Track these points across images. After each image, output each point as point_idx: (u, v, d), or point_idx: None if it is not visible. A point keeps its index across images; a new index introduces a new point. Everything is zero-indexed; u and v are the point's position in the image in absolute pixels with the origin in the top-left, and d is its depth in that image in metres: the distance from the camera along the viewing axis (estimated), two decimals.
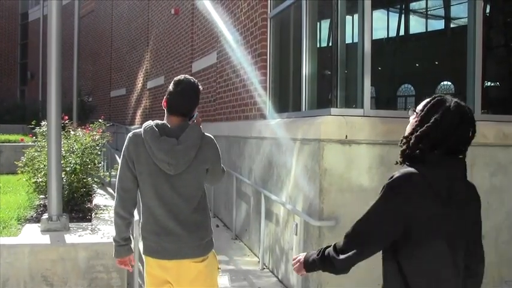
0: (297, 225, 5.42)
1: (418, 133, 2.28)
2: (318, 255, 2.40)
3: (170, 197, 3.08)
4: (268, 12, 7.74)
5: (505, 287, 5.65)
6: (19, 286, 4.46)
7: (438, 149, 2.25)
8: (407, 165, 2.29)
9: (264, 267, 6.69)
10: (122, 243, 3.19)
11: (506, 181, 5.68)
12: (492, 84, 8.52)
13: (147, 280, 3.27)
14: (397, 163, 2.38)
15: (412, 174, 2.20)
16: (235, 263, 6.87)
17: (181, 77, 3.21)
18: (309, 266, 2.45)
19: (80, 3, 16.61)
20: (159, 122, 3.13)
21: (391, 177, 2.23)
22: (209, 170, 3.21)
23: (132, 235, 5.54)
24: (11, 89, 32.65)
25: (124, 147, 3.14)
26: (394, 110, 9.34)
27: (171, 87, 3.16)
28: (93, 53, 25.20)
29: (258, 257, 6.90)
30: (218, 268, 3.35)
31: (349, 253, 2.25)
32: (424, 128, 2.26)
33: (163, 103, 3.17)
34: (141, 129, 3.10)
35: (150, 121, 3.15)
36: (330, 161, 5.11)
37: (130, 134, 3.16)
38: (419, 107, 2.38)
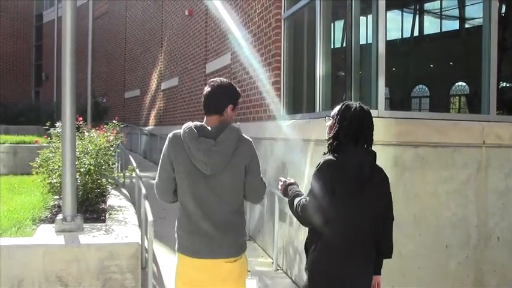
0: None
1: (334, 132, 3.24)
2: (290, 197, 3.39)
3: (206, 197, 3.16)
4: (282, 13, 7.74)
5: None
6: (34, 286, 4.48)
7: (349, 142, 3.20)
8: (331, 155, 3.20)
9: (278, 268, 6.68)
10: None
11: None
12: (507, 85, 8.45)
13: (177, 280, 3.32)
14: (324, 153, 3.29)
15: (331, 160, 3.16)
16: (249, 264, 6.84)
17: (211, 79, 3.36)
18: (284, 194, 3.47)
19: (94, 5, 16.69)
20: (198, 123, 3.24)
21: (319, 163, 3.19)
22: (248, 172, 3.24)
23: (146, 236, 5.57)
24: (26, 90, 32.94)
25: (164, 147, 3.25)
26: (409, 111, 9.29)
27: (204, 90, 3.33)
28: (107, 55, 25.33)
29: (272, 258, 6.90)
30: (248, 271, 3.41)
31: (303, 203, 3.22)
32: (337, 127, 3.23)
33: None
34: (181, 130, 3.20)
35: (190, 122, 3.25)
36: None
37: (170, 135, 3.26)
38: (334, 112, 3.34)
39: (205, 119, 3.28)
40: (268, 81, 7.94)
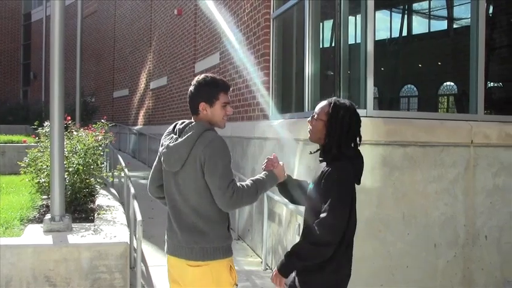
0: (299, 225, 5.41)
1: (335, 134, 2.98)
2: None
3: (173, 195, 3.13)
4: (271, 12, 7.75)
5: (508, 287, 5.64)
6: (22, 286, 4.46)
7: (353, 143, 3.05)
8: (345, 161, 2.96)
9: (267, 267, 6.69)
10: None
11: (509, 181, 5.67)
12: (495, 85, 8.51)
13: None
14: (311, 153, 3.29)
15: (347, 165, 2.95)
16: (238, 264, 6.87)
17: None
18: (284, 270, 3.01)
19: (83, 4, 16.61)
20: (186, 121, 3.19)
21: (330, 170, 2.91)
22: (205, 174, 2.99)
23: (135, 236, 5.56)
24: (14, 89, 32.74)
25: None
26: (397, 111, 9.33)
27: None
28: (96, 54, 25.24)
29: (261, 258, 6.91)
30: (235, 284, 3.16)
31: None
32: (338, 130, 2.98)
33: None
34: None
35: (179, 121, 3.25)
36: None
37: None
38: (319, 110, 3.07)
39: None
40: (257, 80, 7.95)
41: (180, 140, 3.04)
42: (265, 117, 7.57)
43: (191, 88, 3.19)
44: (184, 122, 3.17)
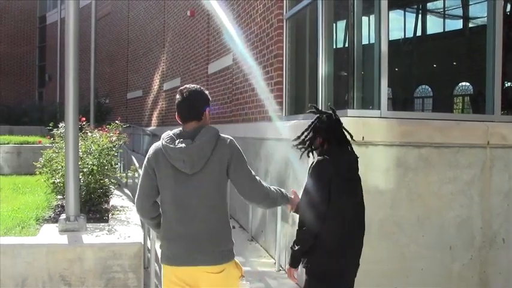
0: None
1: (321, 137, 3.67)
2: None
3: (187, 200, 3.06)
4: (284, 13, 7.73)
5: None
6: (38, 285, 4.49)
7: (333, 143, 3.59)
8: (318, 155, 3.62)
9: (280, 268, 6.67)
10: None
11: None
12: None
13: None
14: (308, 156, 3.78)
15: (324, 159, 3.48)
16: (251, 265, 6.86)
17: (182, 87, 3.25)
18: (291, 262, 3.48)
19: (97, 6, 16.71)
20: (176, 130, 3.19)
21: (312, 162, 3.55)
22: (234, 170, 3.11)
23: (149, 236, 5.57)
24: (29, 91, 33.01)
25: (145, 161, 3.21)
26: (411, 112, 9.28)
27: (176, 99, 3.22)
28: (109, 55, 25.37)
29: (274, 259, 6.89)
30: (242, 276, 3.24)
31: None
32: (318, 133, 3.68)
33: (177, 117, 3.23)
34: (160, 140, 3.16)
35: (169, 131, 3.20)
36: None
37: (150, 148, 3.23)
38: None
39: (182, 127, 3.21)
40: (270, 81, 7.93)
41: (202, 139, 3.05)
42: (278, 118, 7.55)
43: (193, 96, 3.20)
44: (180, 129, 3.18)
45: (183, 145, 3.03)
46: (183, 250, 3.06)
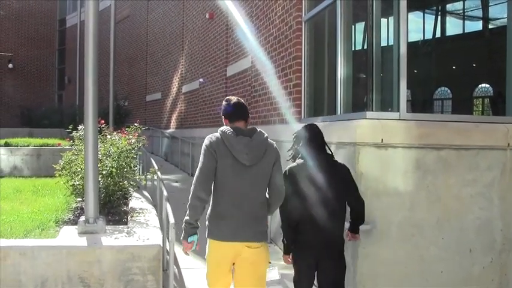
0: None
1: (299, 145, 4.44)
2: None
3: (243, 187, 3.69)
4: (303, 15, 7.72)
5: None
6: (57, 287, 4.52)
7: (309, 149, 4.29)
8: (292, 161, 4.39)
9: None
10: (195, 225, 3.74)
11: None
12: None
13: (209, 266, 3.87)
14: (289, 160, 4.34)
15: (298, 164, 4.29)
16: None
17: (229, 97, 3.99)
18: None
19: (116, 9, 16.83)
20: (228, 127, 3.77)
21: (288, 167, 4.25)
22: (274, 171, 3.78)
23: (168, 238, 5.59)
24: (49, 93, 33.38)
25: (204, 145, 3.72)
26: (431, 114, 9.20)
27: (226, 104, 3.91)
28: (128, 58, 25.55)
29: None
30: (269, 262, 3.89)
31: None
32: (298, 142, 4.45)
33: (225, 118, 3.89)
34: (217, 133, 3.75)
35: (225, 126, 3.81)
36: (365, 165, 5.07)
37: (208, 136, 3.77)
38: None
39: (228, 124, 3.83)
40: (289, 83, 7.93)
41: (258, 139, 3.76)
42: (297, 121, 7.54)
43: (240, 101, 3.95)
44: (237, 127, 3.80)
45: (245, 141, 3.68)
46: (232, 229, 3.69)
